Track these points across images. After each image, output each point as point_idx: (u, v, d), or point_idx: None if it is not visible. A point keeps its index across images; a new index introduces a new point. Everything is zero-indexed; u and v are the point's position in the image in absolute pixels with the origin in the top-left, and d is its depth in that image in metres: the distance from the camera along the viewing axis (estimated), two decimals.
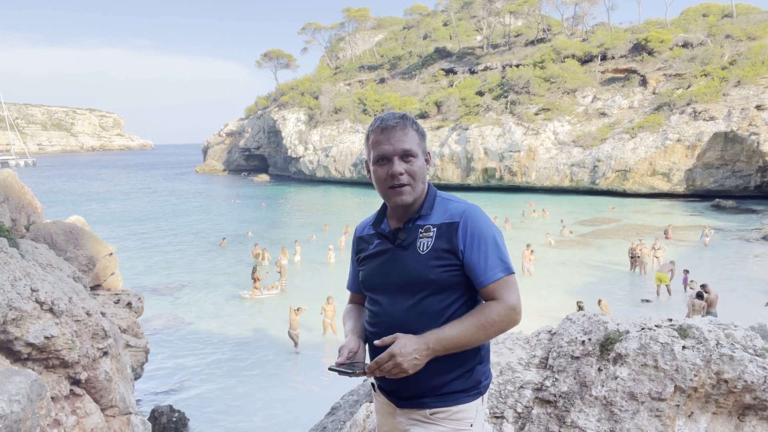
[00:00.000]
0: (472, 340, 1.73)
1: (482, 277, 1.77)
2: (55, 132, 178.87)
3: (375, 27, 78.79)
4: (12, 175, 8.31)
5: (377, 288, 1.92)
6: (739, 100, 35.49)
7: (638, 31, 48.67)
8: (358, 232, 2.08)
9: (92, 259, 8.83)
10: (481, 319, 1.74)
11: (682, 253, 20.36)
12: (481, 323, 1.73)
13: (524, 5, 55.36)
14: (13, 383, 3.11)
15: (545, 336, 3.41)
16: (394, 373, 1.67)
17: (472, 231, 1.79)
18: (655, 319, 3.09)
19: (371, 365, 1.69)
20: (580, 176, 39.43)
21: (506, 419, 3.05)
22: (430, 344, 1.69)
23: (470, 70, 54.72)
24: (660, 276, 15.89)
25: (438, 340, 1.69)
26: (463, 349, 1.77)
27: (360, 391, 4.30)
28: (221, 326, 14.53)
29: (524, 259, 18.59)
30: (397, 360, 1.65)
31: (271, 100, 68.87)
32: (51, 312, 3.86)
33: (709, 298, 12.20)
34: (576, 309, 12.29)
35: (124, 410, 4.74)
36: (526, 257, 18.66)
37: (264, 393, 10.78)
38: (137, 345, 8.50)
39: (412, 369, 1.67)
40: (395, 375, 1.68)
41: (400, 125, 1.82)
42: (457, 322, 1.74)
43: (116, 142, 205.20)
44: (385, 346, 1.71)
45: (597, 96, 43.87)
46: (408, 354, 1.65)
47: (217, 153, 78.57)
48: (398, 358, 1.65)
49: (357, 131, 53.12)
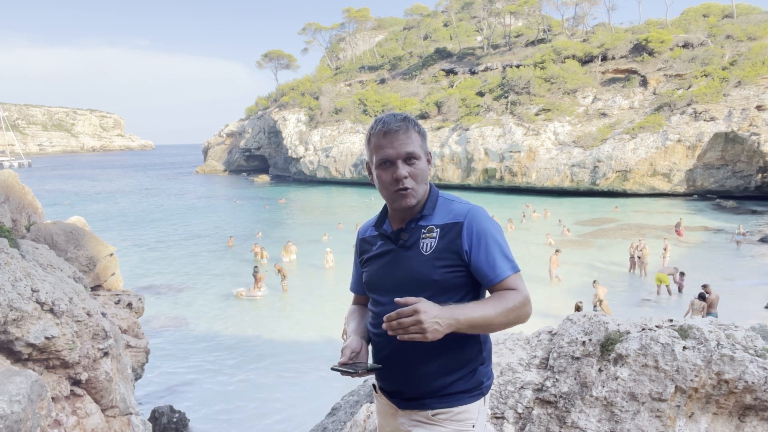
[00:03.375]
0: (493, 322, 1.68)
1: (491, 276, 1.76)
2: (55, 132, 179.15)
3: (375, 27, 78.82)
4: (12, 176, 8.31)
5: (380, 289, 1.92)
6: (740, 100, 35.48)
7: (638, 31, 48.66)
8: (361, 234, 2.08)
9: (93, 259, 8.84)
10: (502, 303, 1.70)
11: (683, 253, 20.37)
12: (502, 307, 1.69)
13: (525, 6, 55.38)
14: (13, 384, 3.11)
15: (546, 336, 3.41)
16: (411, 331, 1.55)
17: (478, 231, 1.78)
18: (656, 320, 3.09)
19: (391, 314, 1.57)
20: (581, 177, 39.41)
21: (507, 420, 3.05)
22: (455, 314, 1.61)
23: (471, 70, 54.74)
24: (660, 276, 15.92)
25: (463, 313, 1.63)
26: (483, 332, 1.72)
27: (360, 391, 4.30)
28: (222, 326, 14.54)
29: (552, 265, 16.97)
30: (420, 317, 1.54)
31: (272, 100, 68.89)
32: (51, 312, 3.86)
33: (710, 299, 12.18)
34: (574, 310, 12.28)
35: (124, 411, 4.74)
36: (553, 263, 16.97)
37: (264, 393, 10.78)
38: (138, 345, 8.49)
39: (430, 333, 1.55)
40: (412, 335, 1.56)
41: (402, 128, 1.81)
42: (479, 304, 1.71)
43: (117, 142, 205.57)
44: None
45: (597, 96, 43.86)
46: (431, 317, 1.56)
47: (217, 153, 78.62)
48: (422, 315, 1.54)
49: (357, 132, 53.14)
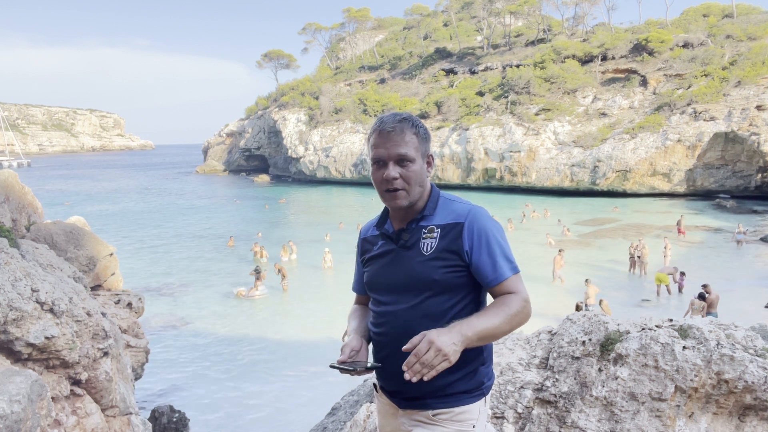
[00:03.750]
0: (498, 330, 1.69)
1: (492, 276, 1.76)
2: (55, 132, 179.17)
3: (375, 27, 78.81)
4: (12, 176, 8.31)
5: (381, 288, 1.92)
6: (740, 100, 35.48)
7: (638, 31, 48.67)
8: (362, 234, 2.08)
9: (93, 259, 8.84)
10: (505, 309, 1.71)
11: (683, 253, 20.37)
12: (506, 313, 1.70)
13: (524, 5, 55.37)
14: (13, 383, 3.11)
15: (545, 336, 3.41)
16: (437, 363, 1.53)
17: (479, 231, 1.78)
18: (656, 320, 3.09)
19: (409, 360, 1.55)
20: (581, 176, 39.41)
21: (507, 419, 3.05)
22: (462, 331, 1.60)
23: (470, 70, 54.74)
24: (660, 276, 15.92)
25: (470, 328, 1.62)
26: (491, 341, 1.73)
27: (360, 391, 4.30)
28: (222, 326, 14.54)
29: (555, 265, 16.74)
30: (438, 345, 1.53)
31: (272, 100, 68.87)
32: (51, 312, 3.86)
33: (710, 299, 12.16)
34: (574, 310, 12.28)
35: (124, 410, 4.74)
36: (557, 263, 16.73)
37: (264, 393, 10.78)
38: (138, 345, 8.49)
39: (453, 356, 1.55)
40: (438, 364, 1.54)
41: (397, 129, 1.79)
42: (482, 314, 1.71)
43: (117, 142, 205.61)
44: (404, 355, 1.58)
45: (597, 96, 43.87)
46: (446, 341, 1.55)
47: (217, 153, 78.61)
48: (438, 344, 1.53)
49: (357, 131, 53.13)
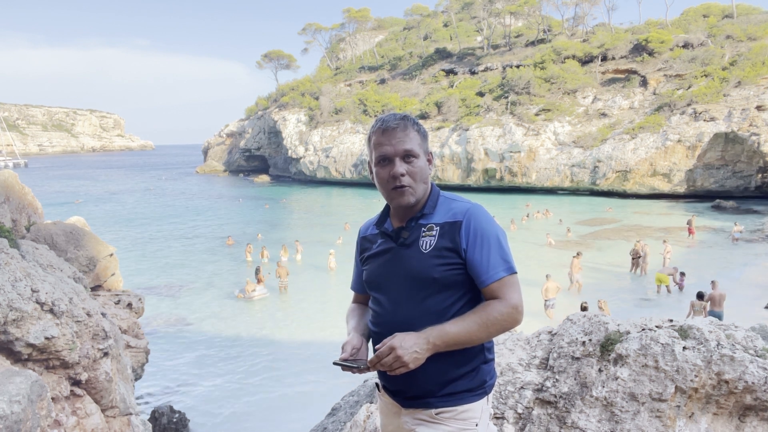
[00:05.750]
0: (473, 337, 1.72)
1: (484, 276, 1.76)
2: (55, 133, 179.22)
3: (375, 28, 78.84)
4: (12, 176, 8.31)
5: (380, 286, 1.92)
6: (740, 100, 35.48)
7: (638, 31, 48.69)
8: (362, 233, 2.08)
9: (93, 259, 8.83)
10: (483, 316, 1.72)
11: (683, 253, 20.37)
12: (482, 321, 1.72)
13: (524, 6, 55.41)
14: (13, 384, 3.11)
15: (546, 337, 3.41)
16: (395, 367, 1.64)
17: (475, 230, 1.78)
18: (656, 320, 3.08)
19: (372, 359, 1.67)
20: (581, 177, 39.42)
21: (507, 420, 3.05)
22: (430, 339, 1.67)
23: (471, 70, 54.75)
24: (660, 276, 15.90)
25: (438, 336, 1.68)
26: (464, 347, 1.75)
27: (360, 391, 4.29)
28: (222, 326, 14.54)
29: (573, 269, 15.97)
30: (398, 353, 1.62)
31: (272, 100, 68.88)
32: (51, 313, 3.86)
33: (713, 296, 11.83)
34: (580, 309, 12.27)
35: (124, 411, 4.74)
36: (575, 266, 15.94)
37: (264, 393, 10.78)
38: (138, 346, 8.48)
39: (412, 363, 1.64)
40: (396, 369, 1.65)
41: (401, 126, 1.82)
42: (459, 319, 1.73)
43: (117, 142, 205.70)
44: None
45: (597, 96, 43.87)
46: (408, 347, 1.63)
47: (217, 153, 78.64)
48: (398, 351, 1.62)
49: (357, 132, 53.13)
